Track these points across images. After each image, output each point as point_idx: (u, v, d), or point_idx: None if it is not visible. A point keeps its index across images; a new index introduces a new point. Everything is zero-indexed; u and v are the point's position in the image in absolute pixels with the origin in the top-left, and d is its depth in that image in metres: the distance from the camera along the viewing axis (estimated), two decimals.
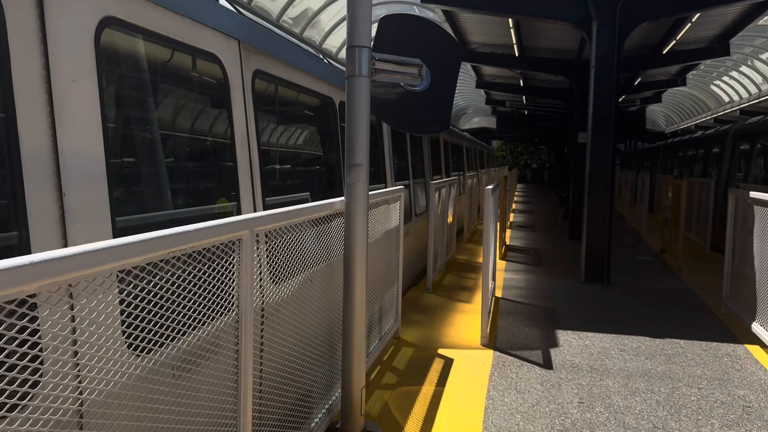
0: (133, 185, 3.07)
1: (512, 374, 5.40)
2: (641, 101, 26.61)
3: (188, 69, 3.67)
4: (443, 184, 9.77)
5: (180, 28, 3.43)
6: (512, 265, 11.03)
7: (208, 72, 3.86)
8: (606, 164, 9.57)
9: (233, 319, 2.69)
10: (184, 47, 3.51)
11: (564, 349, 6.13)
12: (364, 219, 3.89)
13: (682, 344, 6.35)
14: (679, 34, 12.84)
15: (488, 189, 6.31)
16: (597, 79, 9.53)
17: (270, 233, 3.09)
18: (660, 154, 23.40)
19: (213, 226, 2.44)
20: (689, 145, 18.28)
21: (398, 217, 6.15)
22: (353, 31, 3.79)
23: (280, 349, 3.32)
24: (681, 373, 5.51)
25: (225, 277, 2.62)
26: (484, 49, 15.95)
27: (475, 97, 30.62)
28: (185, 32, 3.48)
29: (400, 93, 4.21)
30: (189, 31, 3.53)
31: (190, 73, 3.68)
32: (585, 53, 14.23)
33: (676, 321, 7.28)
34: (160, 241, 2.09)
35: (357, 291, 3.89)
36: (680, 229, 11.28)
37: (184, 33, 3.47)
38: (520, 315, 7.48)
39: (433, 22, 4.50)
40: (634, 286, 9.37)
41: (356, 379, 3.97)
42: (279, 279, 3.29)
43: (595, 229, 9.61)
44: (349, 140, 3.86)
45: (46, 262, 1.61)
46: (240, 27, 4.19)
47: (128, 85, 3.11)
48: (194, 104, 3.79)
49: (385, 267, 5.75)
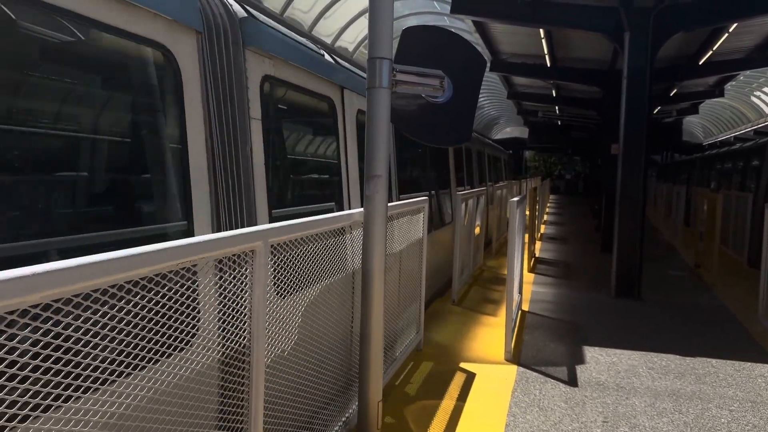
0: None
1: (535, 391, 5.29)
2: (677, 112, 26.08)
3: (320, 111, 5.22)
4: (470, 195, 9.69)
5: (312, 83, 4.87)
6: (541, 278, 10.86)
7: (327, 112, 5.27)
8: (638, 176, 9.37)
9: (246, 333, 2.68)
10: (316, 95, 5.01)
11: (590, 366, 5.99)
12: (383, 230, 3.87)
13: (713, 363, 6.14)
14: (716, 44, 12.54)
15: (514, 201, 6.23)
16: (629, 90, 9.36)
17: (286, 244, 3.09)
18: (696, 166, 22.86)
19: (226, 237, 2.45)
20: (726, 158, 17.81)
21: (422, 228, 6.11)
22: (374, 43, 3.78)
23: (294, 360, 3.31)
24: (711, 393, 5.33)
25: (238, 288, 2.62)
26: (515, 59, 15.83)
27: (506, 106, 30.42)
28: (317, 85, 4.96)
29: (421, 104, 4.18)
30: (317, 84, 4.97)
31: (321, 113, 5.08)
32: (618, 63, 14.00)
33: (709, 339, 7.05)
34: (171, 252, 2.10)
35: (374, 303, 3.86)
36: (715, 243, 10.98)
37: (316, 86, 4.95)
38: (547, 329, 7.34)
39: (455, 33, 4.47)
40: (665, 301, 9.13)
41: (373, 392, 3.94)
42: (294, 290, 3.28)
43: (626, 241, 9.41)
44: (369, 151, 3.84)
45: (49, 273, 1.62)
46: (343, 77, 5.53)
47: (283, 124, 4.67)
48: (322, 136, 5.40)
49: (407, 278, 5.71)
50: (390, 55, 3.83)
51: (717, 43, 12.43)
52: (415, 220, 5.93)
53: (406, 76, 3.96)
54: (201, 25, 3.46)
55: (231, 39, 3.71)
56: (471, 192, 9.83)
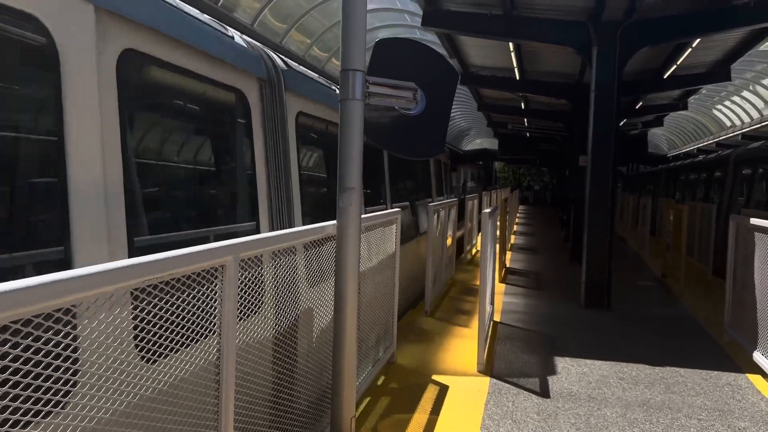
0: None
1: (508, 403, 5.28)
2: (643, 125, 26.64)
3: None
4: (443, 206, 9.71)
5: (330, 114, 5.94)
6: (512, 289, 10.93)
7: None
8: (606, 187, 9.51)
9: (215, 350, 2.61)
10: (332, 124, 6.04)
11: (562, 377, 6.02)
12: (356, 243, 3.83)
13: (682, 373, 6.23)
14: (680, 58, 12.85)
15: (486, 212, 6.25)
16: (597, 103, 9.51)
17: (256, 258, 3.02)
18: (662, 178, 23.36)
19: (194, 252, 2.38)
20: (691, 169, 18.23)
21: (394, 240, 6.09)
22: (347, 55, 3.76)
23: (264, 377, 3.23)
24: (681, 403, 5.39)
25: (206, 305, 2.55)
26: (484, 72, 16.00)
27: (477, 118, 30.72)
28: (333, 116, 5.96)
29: (394, 116, 4.17)
30: (334, 115, 5.85)
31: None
32: (586, 77, 14.25)
33: (677, 348, 7.15)
34: (136, 269, 2.03)
35: (348, 318, 3.81)
36: (682, 253, 11.18)
37: (333, 117, 5.96)
38: (519, 340, 7.36)
39: (428, 46, 4.48)
40: (634, 311, 9.25)
41: (346, 407, 3.87)
42: (264, 306, 3.21)
43: (595, 252, 9.52)
44: (342, 163, 3.81)
45: (19, 291, 1.54)
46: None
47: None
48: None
49: (380, 290, 5.67)
50: (363, 67, 3.81)
51: (681, 57, 12.74)
52: (388, 231, 5.90)
53: (379, 88, 3.94)
54: (264, 73, 4.56)
55: (277, 84, 4.76)
56: (444, 203, 9.86)
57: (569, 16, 9.88)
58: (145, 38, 3.13)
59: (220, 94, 4.05)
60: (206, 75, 3.79)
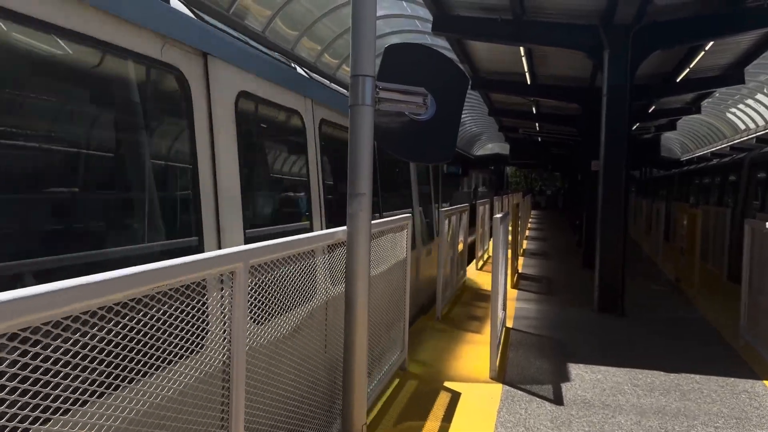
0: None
1: (521, 410, 5.23)
2: (656, 129, 26.44)
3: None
4: (454, 211, 9.67)
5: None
6: (524, 294, 10.85)
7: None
8: (618, 192, 9.43)
9: (225, 358, 2.60)
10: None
11: (575, 384, 5.95)
12: (367, 250, 3.81)
13: (697, 379, 6.14)
14: (693, 62, 12.75)
15: (497, 217, 6.22)
16: (609, 108, 9.45)
17: (266, 265, 3.01)
18: (675, 182, 23.17)
19: (204, 259, 2.37)
20: (705, 173, 18.06)
21: (405, 246, 6.06)
22: (357, 61, 3.75)
23: (275, 384, 3.22)
24: (697, 410, 5.32)
25: (216, 311, 2.54)
26: (495, 77, 15.96)
27: (488, 123, 30.67)
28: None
29: (404, 122, 4.15)
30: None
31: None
32: (598, 80, 14.17)
33: (692, 354, 7.06)
34: (146, 276, 2.02)
35: (358, 324, 3.79)
36: (696, 258, 11.07)
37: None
38: (531, 347, 7.30)
39: (438, 51, 4.46)
40: (648, 316, 9.16)
41: (357, 414, 3.85)
42: (274, 313, 3.20)
43: (608, 257, 9.44)
44: (352, 169, 3.79)
45: (19, 300, 1.54)
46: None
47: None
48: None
49: (391, 296, 5.64)
50: (373, 73, 3.80)
51: (694, 61, 12.63)
52: (398, 237, 5.87)
53: (389, 93, 3.93)
54: (315, 95, 5.50)
55: (314, 102, 5.56)
56: (454, 209, 9.82)
57: (580, 19, 9.84)
58: (253, 82, 4.22)
59: (293, 118, 5.20)
60: (284, 104, 4.82)
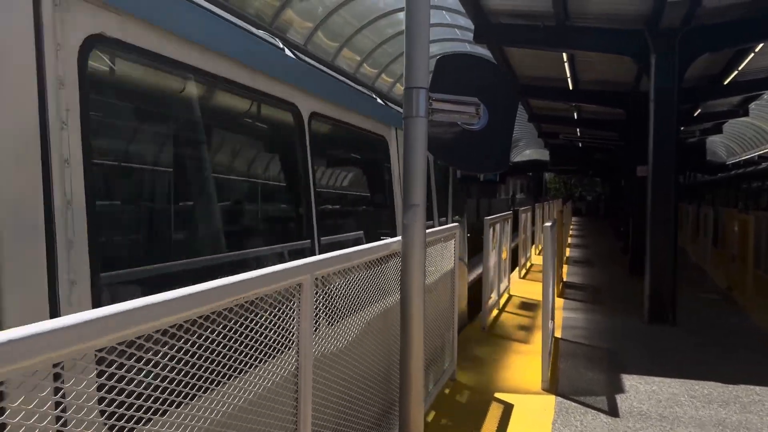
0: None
1: (576, 422, 5.15)
2: (701, 132, 25.79)
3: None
4: (497, 219, 9.61)
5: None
6: (571, 303, 10.69)
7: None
8: (668, 196, 9.23)
9: (294, 366, 2.65)
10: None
11: (630, 395, 5.83)
12: (422, 259, 3.83)
13: (757, 391, 5.95)
14: (742, 64, 12.43)
15: (547, 226, 6.17)
16: (657, 112, 9.28)
17: (326, 277, 3.06)
18: (723, 186, 22.53)
19: (274, 272, 2.43)
20: (754, 177, 17.53)
21: (453, 255, 6.06)
22: (411, 73, 3.79)
23: (338, 394, 3.26)
24: (759, 423, 5.15)
25: (285, 322, 2.59)
26: (536, 83, 15.84)
27: (527, 129, 30.40)
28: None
29: (457, 132, 4.17)
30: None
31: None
32: (642, 84, 13.93)
33: (750, 365, 6.84)
34: (222, 290, 2.08)
35: (414, 333, 3.80)
36: (749, 265, 10.74)
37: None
38: (582, 357, 7.19)
39: (489, 60, 4.48)
40: (701, 326, 8.91)
41: (414, 424, 3.86)
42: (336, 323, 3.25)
43: (659, 265, 9.23)
44: (407, 180, 3.82)
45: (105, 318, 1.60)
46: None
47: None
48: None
49: (440, 306, 5.64)
50: (426, 85, 3.83)
51: (743, 63, 12.32)
52: (447, 246, 5.87)
53: (442, 104, 3.96)
54: (397, 123, 6.06)
55: (397, 129, 6.30)
56: (497, 216, 9.76)
57: (625, 24, 9.71)
58: (322, 103, 4.70)
59: (374, 139, 5.81)
60: (360, 126, 5.42)
